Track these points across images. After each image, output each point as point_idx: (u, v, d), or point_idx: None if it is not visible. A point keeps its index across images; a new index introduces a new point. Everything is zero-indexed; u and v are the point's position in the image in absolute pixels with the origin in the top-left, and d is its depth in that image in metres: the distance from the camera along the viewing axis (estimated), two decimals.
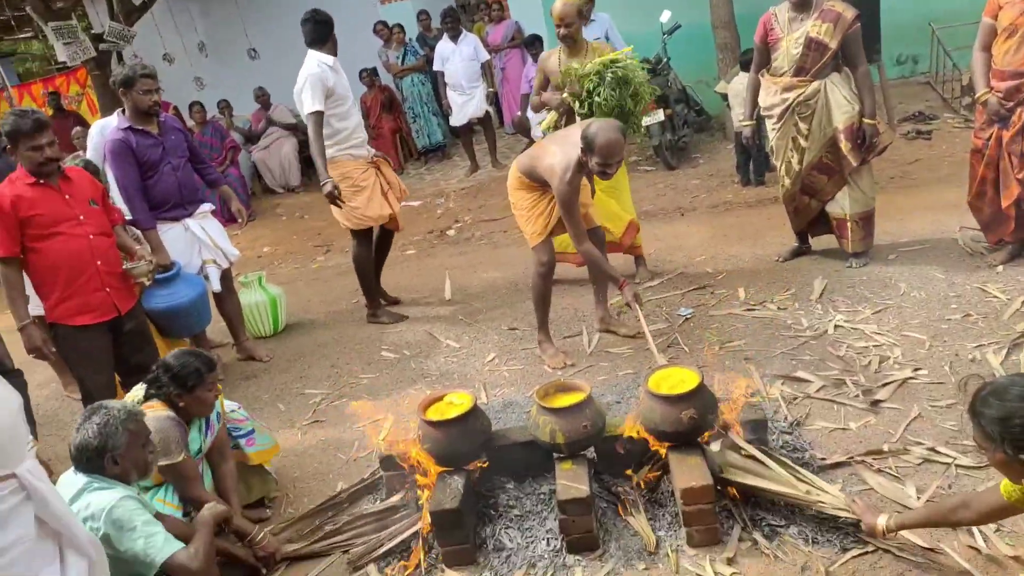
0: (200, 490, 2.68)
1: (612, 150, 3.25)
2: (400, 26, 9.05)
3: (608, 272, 3.64)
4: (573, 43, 4.20)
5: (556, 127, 4.29)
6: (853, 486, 2.57)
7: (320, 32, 4.31)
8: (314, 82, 4.20)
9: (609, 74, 4.01)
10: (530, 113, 5.30)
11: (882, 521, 2.15)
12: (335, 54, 4.36)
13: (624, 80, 4.03)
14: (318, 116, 4.22)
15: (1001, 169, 3.77)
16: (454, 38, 8.07)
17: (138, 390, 2.79)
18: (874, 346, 3.40)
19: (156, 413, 2.60)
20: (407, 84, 9.06)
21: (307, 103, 4.21)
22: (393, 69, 9.12)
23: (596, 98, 4.02)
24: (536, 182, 3.66)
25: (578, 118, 4.12)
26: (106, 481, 2.24)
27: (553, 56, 4.35)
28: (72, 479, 2.26)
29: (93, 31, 9.71)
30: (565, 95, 4.18)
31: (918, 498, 2.44)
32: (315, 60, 4.28)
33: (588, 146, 3.30)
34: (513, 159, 8.09)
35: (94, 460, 2.22)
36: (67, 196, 3.23)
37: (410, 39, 9.16)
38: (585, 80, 4.05)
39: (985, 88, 3.71)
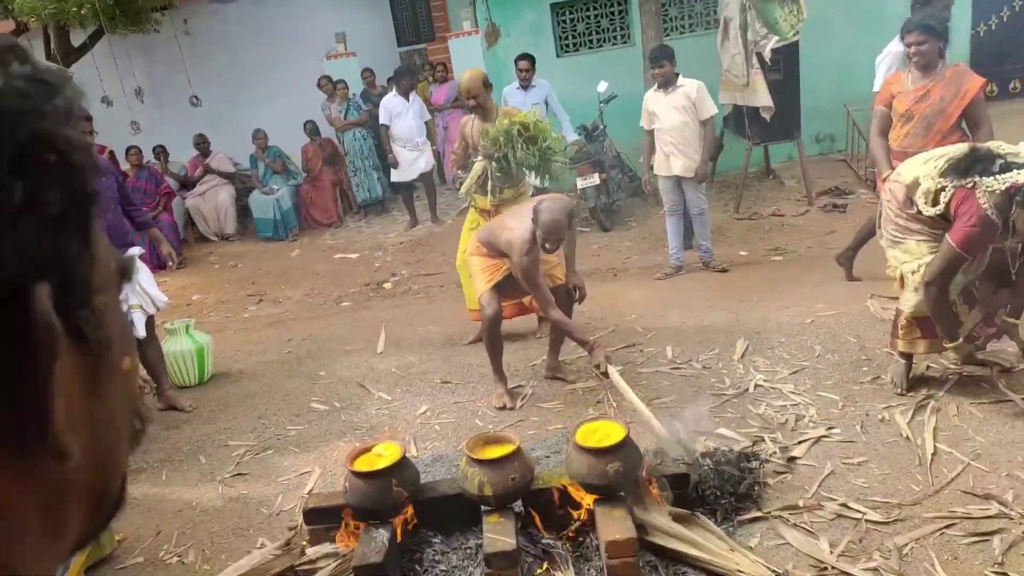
0: None
1: (554, 228, 3.48)
2: (344, 82, 9.19)
3: (576, 336, 3.72)
4: (484, 112, 4.51)
5: (471, 189, 4.59)
6: (770, 540, 2.65)
7: None
8: None
9: (517, 133, 4.32)
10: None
11: None
12: None
13: (531, 138, 4.35)
14: None
15: None
16: (406, 95, 8.22)
17: None
18: (791, 405, 3.55)
19: None
20: (349, 138, 9.15)
21: None
22: (336, 123, 9.22)
23: (510, 156, 4.33)
24: (494, 253, 3.80)
25: (491, 179, 4.42)
26: None
27: (469, 122, 4.64)
28: None
29: None
30: (479, 159, 4.44)
31: (831, 552, 2.53)
32: None
33: (535, 218, 3.52)
34: (452, 215, 8.21)
35: None
36: None
37: (354, 94, 9.29)
38: (497, 143, 4.33)
39: (889, 169, 4.01)
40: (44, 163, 0.34)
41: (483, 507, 2.67)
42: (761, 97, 6.71)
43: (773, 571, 2.43)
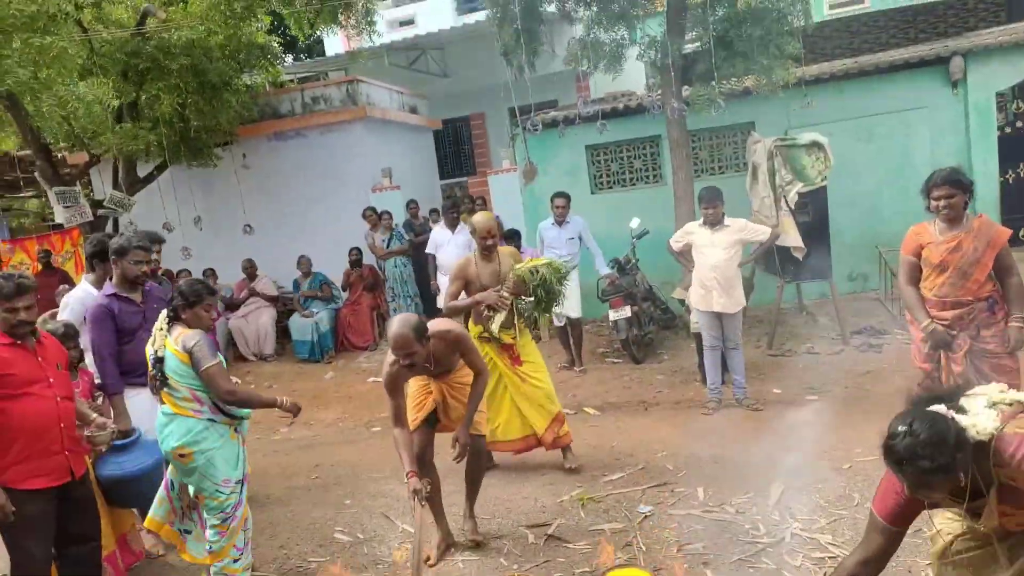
0: (230, 384, 3.50)
1: (396, 343, 3.44)
2: (388, 212, 9.65)
3: (401, 456, 3.59)
4: (491, 252, 4.71)
5: (502, 324, 4.69)
6: None
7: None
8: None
9: (545, 272, 4.66)
10: None
11: None
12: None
13: (556, 278, 4.71)
14: None
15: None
16: (452, 227, 8.57)
17: (162, 317, 3.50)
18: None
19: (186, 332, 3.42)
20: (390, 265, 9.48)
21: None
22: (379, 251, 9.60)
23: (542, 292, 4.65)
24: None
25: (516, 317, 4.66)
26: None
27: (469, 264, 4.76)
28: None
29: (94, 196, 10.24)
30: (506, 293, 4.61)
31: None
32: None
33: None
34: None
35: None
36: (40, 358, 3.27)
37: (397, 224, 9.73)
38: (528, 279, 4.62)
39: (928, 319, 4.03)
40: None
41: None
42: (791, 238, 6.86)
43: None
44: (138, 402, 4.08)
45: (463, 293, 4.75)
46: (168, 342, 3.43)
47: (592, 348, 7.87)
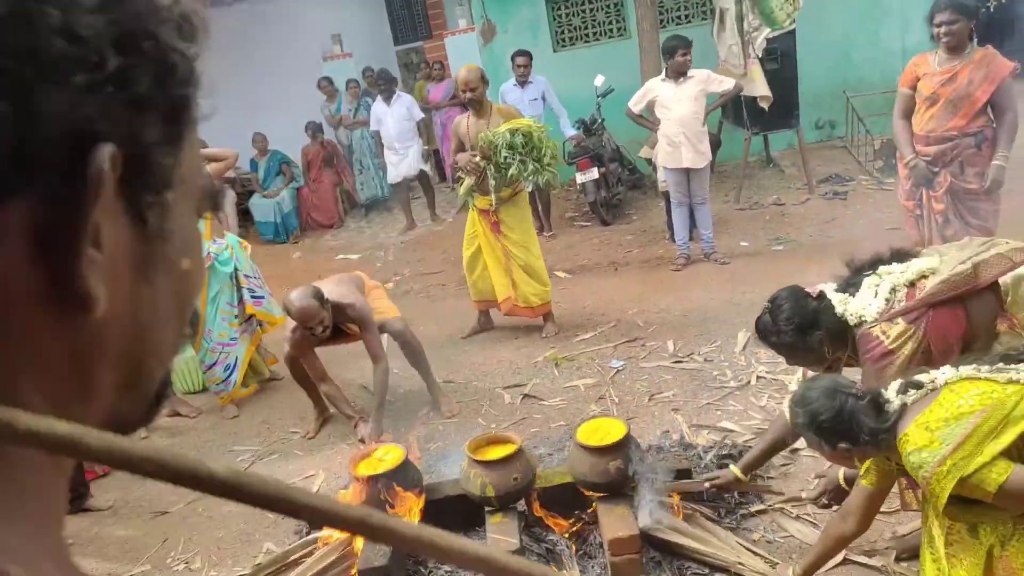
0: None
1: (302, 316, 3.52)
2: (356, 80, 9.19)
3: (342, 410, 3.85)
4: (479, 106, 4.53)
5: (472, 191, 4.58)
6: (773, 533, 2.65)
7: None
8: None
9: (516, 138, 4.35)
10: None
11: (789, 574, 2.25)
12: None
13: (532, 148, 4.40)
14: None
15: (927, 227, 4.02)
16: (387, 99, 8.21)
17: None
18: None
19: None
20: (356, 137, 9.17)
21: None
22: (346, 121, 9.24)
23: (508, 165, 4.36)
24: None
25: (491, 180, 4.41)
26: None
27: (463, 121, 4.65)
28: None
29: None
30: (478, 158, 4.42)
31: None
32: None
33: (287, 312, 3.64)
34: (452, 214, 8.18)
35: None
36: None
37: (364, 91, 9.31)
38: (494, 146, 4.35)
39: (912, 154, 3.95)
40: (142, 48, 0.38)
41: (486, 508, 2.68)
42: (759, 87, 6.68)
43: (775, 563, 2.44)
44: None
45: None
46: None
47: (560, 212, 7.81)
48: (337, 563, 2.66)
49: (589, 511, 2.72)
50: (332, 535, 2.66)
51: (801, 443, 3.14)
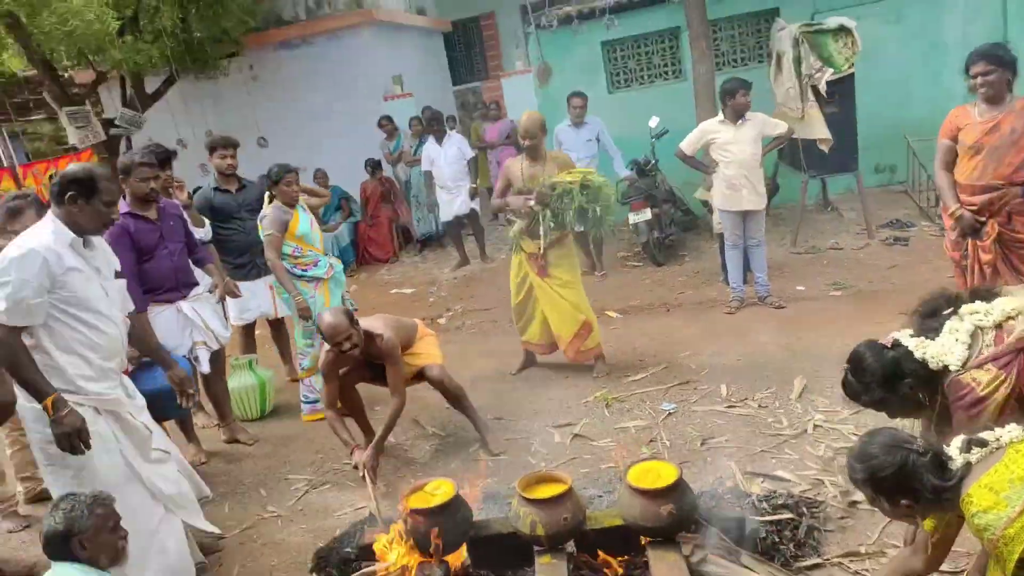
0: (272, 253, 4.55)
1: (331, 332, 3.60)
2: (418, 119, 9.43)
3: (338, 434, 3.80)
4: (535, 153, 4.63)
5: (522, 234, 4.68)
6: None
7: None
8: None
9: (577, 190, 4.44)
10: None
11: None
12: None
13: (592, 197, 4.49)
14: None
15: (973, 277, 3.93)
16: (439, 140, 8.40)
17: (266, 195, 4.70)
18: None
19: (268, 208, 4.57)
20: (415, 174, 9.39)
21: None
22: (406, 158, 9.50)
23: (566, 210, 4.47)
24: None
25: (543, 225, 4.51)
26: (75, 566, 2.23)
27: (516, 164, 4.74)
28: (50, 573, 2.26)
29: (105, 115, 10.13)
30: (532, 203, 4.51)
31: None
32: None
33: (319, 332, 3.74)
34: (504, 250, 8.24)
35: (61, 546, 2.23)
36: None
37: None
38: (551, 191, 4.46)
39: (956, 204, 3.91)
40: None
41: (535, 547, 2.68)
42: (817, 130, 6.63)
43: None
44: (164, 318, 4.14)
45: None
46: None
47: (612, 252, 7.83)
48: None
49: (639, 556, 2.69)
50: (389, 566, 2.69)
51: (859, 496, 3.06)
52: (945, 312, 2.23)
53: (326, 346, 3.75)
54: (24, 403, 2.63)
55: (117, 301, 2.91)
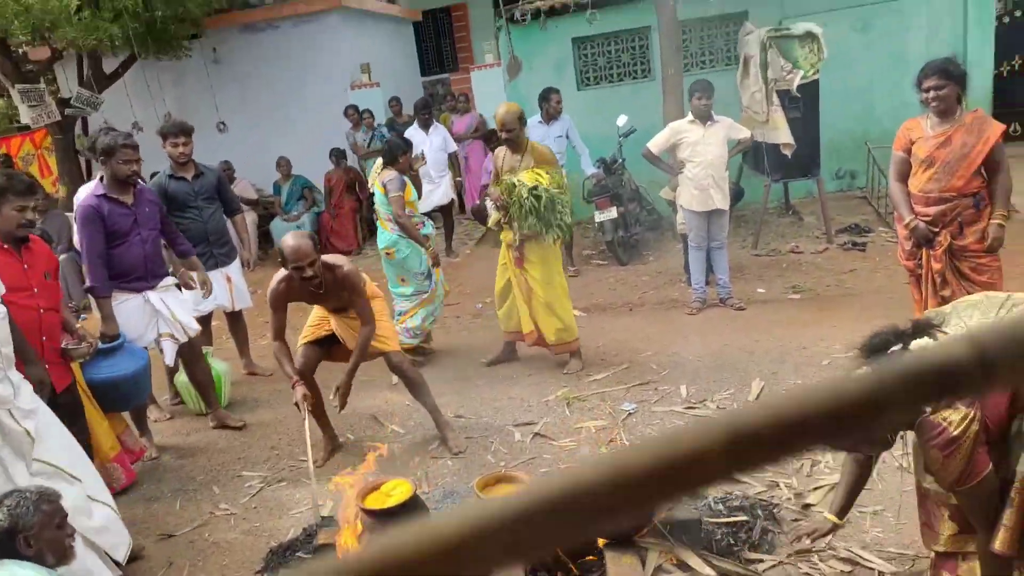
0: (400, 210, 4.92)
1: (296, 254, 3.47)
2: (369, 111, 9.33)
3: (283, 366, 3.75)
4: (515, 145, 4.67)
5: (500, 223, 4.74)
6: None
7: None
8: None
9: (530, 198, 4.48)
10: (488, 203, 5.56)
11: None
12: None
13: (545, 201, 4.49)
14: None
15: (925, 286, 4.03)
16: (425, 128, 8.31)
17: (378, 163, 4.97)
18: None
19: (387, 173, 4.93)
20: (371, 166, 9.25)
21: None
22: (359, 151, 9.35)
23: (520, 213, 4.54)
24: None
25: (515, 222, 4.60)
26: (22, 564, 2.16)
27: (500, 153, 4.82)
28: None
29: (60, 95, 9.81)
30: (494, 203, 4.67)
31: None
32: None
33: (281, 256, 3.56)
34: (471, 245, 8.24)
35: (6, 543, 2.16)
36: (26, 265, 3.19)
37: (379, 124, 9.43)
38: (513, 198, 4.54)
39: (911, 215, 4.00)
40: None
41: None
42: (781, 134, 6.72)
43: None
44: (129, 307, 4.03)
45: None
46: (376, 181, 5.04)
47: (577, 250, 7.84)
48: None
49: (594, 559, 2.69)
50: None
51: (813, 499, 3.12)
52: (895, 349, 2.07)
53: (277, 276, 3.64)
54: None
55: None
